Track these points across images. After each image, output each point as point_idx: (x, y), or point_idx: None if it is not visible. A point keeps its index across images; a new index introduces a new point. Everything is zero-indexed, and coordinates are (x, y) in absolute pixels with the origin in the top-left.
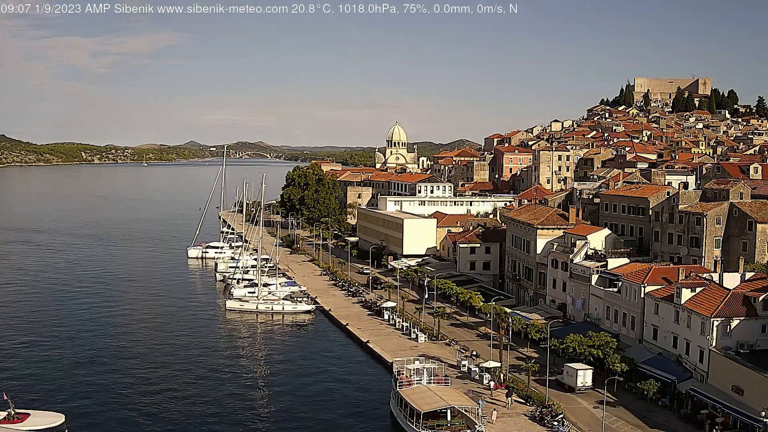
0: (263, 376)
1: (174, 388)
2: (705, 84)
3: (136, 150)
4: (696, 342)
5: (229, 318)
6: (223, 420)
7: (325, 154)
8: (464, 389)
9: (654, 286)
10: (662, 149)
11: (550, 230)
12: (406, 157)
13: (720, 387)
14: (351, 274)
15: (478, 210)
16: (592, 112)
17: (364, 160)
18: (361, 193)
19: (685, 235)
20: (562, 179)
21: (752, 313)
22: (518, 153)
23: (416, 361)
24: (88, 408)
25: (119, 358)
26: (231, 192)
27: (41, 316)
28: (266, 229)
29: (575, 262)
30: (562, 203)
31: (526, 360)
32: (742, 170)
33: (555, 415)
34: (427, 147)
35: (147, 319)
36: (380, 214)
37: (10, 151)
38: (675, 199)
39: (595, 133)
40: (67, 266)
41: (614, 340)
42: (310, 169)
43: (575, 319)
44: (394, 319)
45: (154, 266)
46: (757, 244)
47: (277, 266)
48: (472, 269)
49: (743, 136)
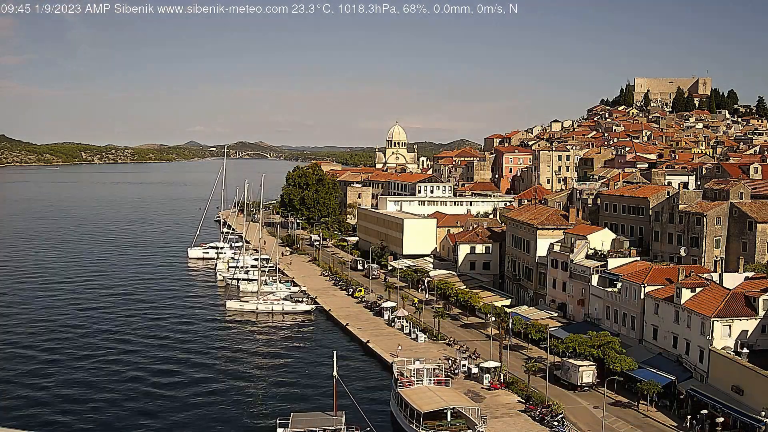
0: (262, 376)
1: (172, 388)
2: (705, 84)
3: (136, 150)
4: (696, 342)
5: (229, 318)
6: (221, 420)
7: (325, 154)
8: (464, 389)
9: (654, 286)
10: (662, 149)
11: (550, 230)
12: (406, 157)
13: (720, 387)
14: (351, 275)
15: (478, 210)
16: (592, 112)
17: (364, 160)
18: (361, 193)
19: (685, 235)
20: (562, 179)
21: (752, 313)
22: (518, 153)
23: (416, 361)
24: (87, 410)
25: (117, 358)
26: (231, 192)
27: (41, 315)
28: (266, 229)
29: (575, 262)
30: (562, 203)
31: (526, 360)
32: (742, 170)
33: (555, 415)
34: (427, 147)
35: (147, 318)
36: (380, 214)
37: (10, 151)
38: (675, 199)
39: (595, 133)
40: (65, 268)
41: (616, 339)
42: (310, 169)
43: (575, 319)
44: (395, 319)
45: (154, 267)
46: (757, 244)
47: (276, 266)
48: (472, 269)
49: (743, 136)
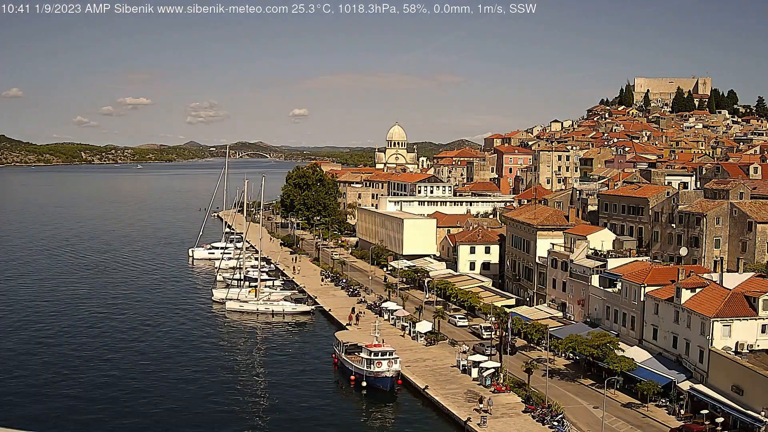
0: (260, 375)
1: (169, 387)
2: (705, 84)
3: (136, 150)
4: (696, 342)
5: (228, 318)
6: (220, 418)
7: (325, 154)
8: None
9: (654, 286)
10: (662, 149)
11: (550, 230)
12: (406, 157)
13: (720, 387)
14: (351, 275)
15: (478, 210)
16: (592, 112)
17: (364, 160)
18: (361, 193)
19: (685, 235)
20: (562, 179)
21: (752, 313)
22: (518, 153)
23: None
24: (86, 413)
25: (115, 357)
26: (231, 193)
27: (40, 318)
28: (266, 229)
29: (575, 262)
30: (563, 203)
31: (527, 360)
32: (742, 170)
33: (555, 415)
34: (427, 147)
35: (146, 319)
36: (380, 214)
37: (10, 151)
38: (675, 199)
39: (595, 133)
40: (65, 270)
41: (616, 339)
42: (310, 169)
43: (575, 319)
44: (395, 320)
45: (155, 267)
46: (757, 244)
47: (276, 266)
48: (471, 269)
49: (743, 136)
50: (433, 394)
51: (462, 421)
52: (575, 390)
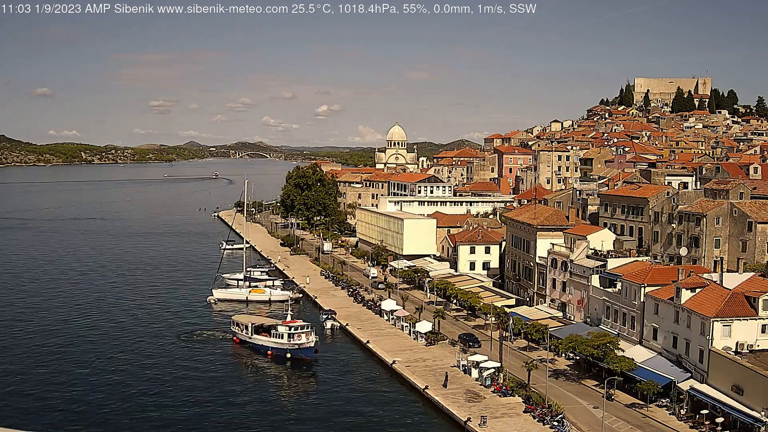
0: (259, 373)
1: (168, 387)
2: (705, 84)
3: (136, 150)
4: (696, 342)
5: (215, 308)
6: (217, 419)
7: (325, 154)
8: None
9: (654, 286)
10: (662, 149)
11: (550, 230)
12: (406, 157)
13: (720, 387)
14: (351, 275)
15: (478, 210)
16: (592, 112)
17: (364, 160)
18: (361, 193)
19: (685, 235)
20: (562, 179)
21: (752, 313)
22: (518, 153)
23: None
24: (85, 416)
25: (113, 356)
26: (231, 193)
27: (45, 329)
28: (266, 229)
29: (575, 262)
30: (563, 203)
31: (527, 360)
32: (742, 170)
33: (555, 415)
34: (427, 147)
35: (145, 320)
36: (380, 214)
37: (10, 151)
38: (675, 199)
39: (595, 133)
40: (65, 270)
41: (616, 339)
42: (310, 169)
43: (575, 320)
44: (395, 319)
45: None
46: (757, 244)
47: (275, 266)
48: (471, 269)
49: (743, 136)
50: (433, 394)
51: (462, 421)
52: (575, 390)
